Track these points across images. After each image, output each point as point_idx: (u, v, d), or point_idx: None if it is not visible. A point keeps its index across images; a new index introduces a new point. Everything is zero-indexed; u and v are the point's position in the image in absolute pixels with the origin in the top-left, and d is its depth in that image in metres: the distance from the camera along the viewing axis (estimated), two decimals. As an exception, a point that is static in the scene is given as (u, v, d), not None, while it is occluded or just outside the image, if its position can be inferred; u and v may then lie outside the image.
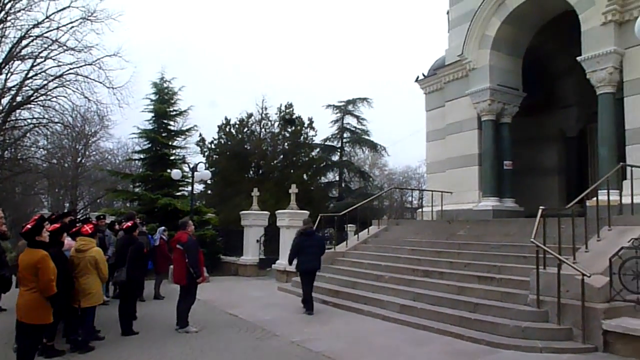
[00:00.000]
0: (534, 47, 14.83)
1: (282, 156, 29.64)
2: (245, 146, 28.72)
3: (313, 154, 31.09)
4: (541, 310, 7.34)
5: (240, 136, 29.41)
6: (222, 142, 29.36)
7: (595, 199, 9.63)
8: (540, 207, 7.93)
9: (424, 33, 76.70)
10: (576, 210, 8.45)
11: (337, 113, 35.29)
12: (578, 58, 11.86)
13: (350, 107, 35.31)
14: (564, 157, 16.56)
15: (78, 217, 13.30)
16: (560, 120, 16.41)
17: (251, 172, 29.16)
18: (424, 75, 17.18)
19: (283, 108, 30.03)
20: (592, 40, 11.63)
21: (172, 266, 9.37)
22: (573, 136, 16.32)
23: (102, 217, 12.44)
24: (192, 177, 17.69)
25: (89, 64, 22.18)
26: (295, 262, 10.27)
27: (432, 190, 15.64)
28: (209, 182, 27.08)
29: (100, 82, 22.47)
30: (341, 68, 77.32)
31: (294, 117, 29.34)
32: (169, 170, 19.84)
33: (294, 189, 16.54)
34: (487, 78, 14.07)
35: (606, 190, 9.34)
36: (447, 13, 16.47)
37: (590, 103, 12.49)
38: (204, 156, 28.65)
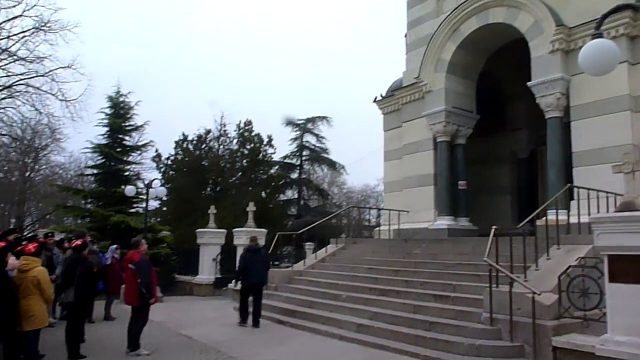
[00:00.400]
0: (487, 71, 15.36)
1: (240, 173, 29.40)
2: (203, 163, 28.34)
3: (272, 171, 31.00)
4: (494, 328, 7.48)
5: (198, 152, 29.02)
6: (179, 158, 28.89)
7: (544, 218, 9.96)
8: (493, 226, 8.14)
9: (383, 53, 78.26)
10: (527, 229, 8.72)
11: (296, 131, 35.42)
12: (528, 83, 12.36)
13: (309, 126, 35.51)
14: (515, 177, 17.12)
15: (24, 234, 12.75)
16: (512, 142, 16.99)
17: (208, 189, 28.75)
18: (382, 96, 17.48)
19: (242, 125, 29.89)
20: (541, 67, 12.16)
21: (123, 286, 9.09)
22: (524, 157, 16.91)
23: (50, 234, 11.94)
24: (147, 193, 17.30)
25: (41, 75, 21.50)
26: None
27: (389, 210, 15.81)
28: (164, 198, 26.54)
29: (53, 95, 21.81)
30: (301, 86, 77.88)
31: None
32: (122, 187, 19.33)
33: (251, 207, 16.41)
34: (443, 100, 14.46)
35: (555, 210, 9.68)
36: (405, 36, 16.89)
37: (540, 126, 12.99)
38: (160, 172, 28.12)
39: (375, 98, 17.68)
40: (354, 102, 66.57)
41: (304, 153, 35.53)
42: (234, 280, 12.43)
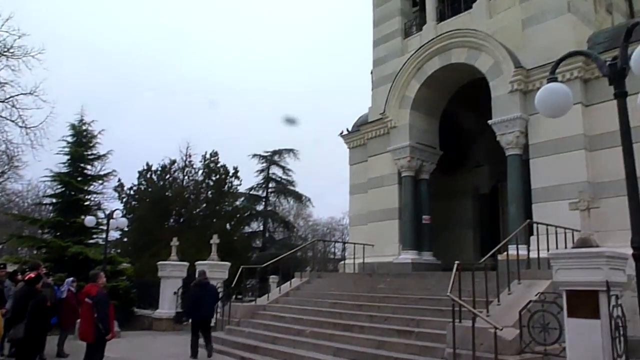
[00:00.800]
0: (450, 109, 15.81)
1: (205, 205, 29.03)
2: (167, 193, 27.91)
3: (237, 203, 30.77)
4: (457, 363, 7.48)
5: (161, 183, 28.60)
6: (142, 188, 28.38)
7: (506, 253, 10.16)
8: (456, 261, 8.23)
9: (349, 87, 79.73)
10: (489, 264, 8.87)
11: (262, 163, 35.42)
12: (489, 122, 12.78)
13: (276, 158, 35.58)
14: (478, 212, 17.46)
15: (-25, 266, 12.14)
16: (474, 177, 17.40)
17: (172, 221, 28.23)
18: (348, 130, 17.73)
19: (208, 156, 29.71)
20: (501, 106, 12.61)
21: (78, 321, 8.73)
22: (486, 193, 17.31)
23: (2, 266, 11.42)
24: (107, 224, 16.81)
25: (1, 101, 20.95)
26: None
27: (354, 243, 15.83)
28: (125, 229, 25.89)
29: (13, 121, 21.23)
30: (270, 118, 78.26)
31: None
32: (82, 217, 18.75)
33: (215, 239, 16.16)
34: (407, 136, 14.76)
35: (515, 245, 9.89)
36: (371, 73, 17.29)
37: (501, 163, 13.36)
38: (121, 202, 27.51)
39: (342, 132, 17.92)
40: (321, 135, 67.21)
41: (270, 185, 35.46)
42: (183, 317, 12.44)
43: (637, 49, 3.80)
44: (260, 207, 34.89)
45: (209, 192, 29.13)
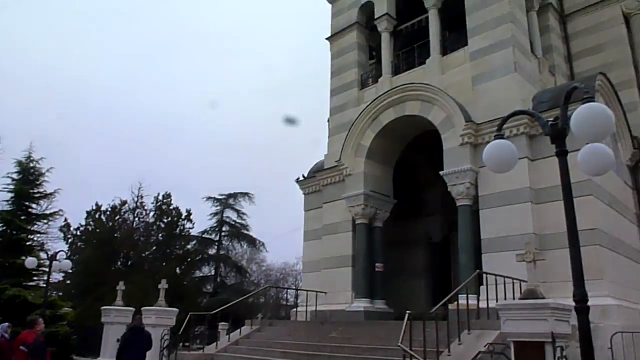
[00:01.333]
0: (404, 158, 16.19)
1: (154, 247, 28.28)
2: (116, 235, 27.04)
3: (189, 246, 30.10)
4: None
5: (110, 224, 27.73)
6: (90, 229, 27.41)
7: (456, 302, 10.26)
8: (407, 311, 8.25)
9: (307, 132, 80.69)
10: (440, 313, 8.93)
11: (217, 206, 35.01)
12: (441, 172, 13.15)
13: (231, 201, 35.26)
14: (430, 261, 17.64)
15: None
16: (426, 226, 17.68)
17: (119, 263, 27.29)
18: (304, 176, 17.84)
19: (160, 197, 29.16)
20: (452, 158, 13.03)
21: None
22: (438, 242, 17.57)
23: None
24: (50, 266, 16.03)
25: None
26: None
27: (306, 290, 15.66)
28: (69, 271, 24.76)
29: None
30: (225, 162, 77.84)
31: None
32: (23, 257, 17.85)
33: (163, 284, 15.60)
34: (362, 184, 14.96)
35: (465, 295, 10.01)
36: (328, 121, 17.60)
37: (453, 212, 13.66)
38: (67, 243, 26.46)
39: (298, 178, 18.00)
40: (277, 180, 67.24)
41: (224, 228, 34.97)
42: None
43: (576, 111, 4.05)
44: (212, 251, 34.23)
45: (160, 235, 28.45)
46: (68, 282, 26.65)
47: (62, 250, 16.82)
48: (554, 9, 16.83)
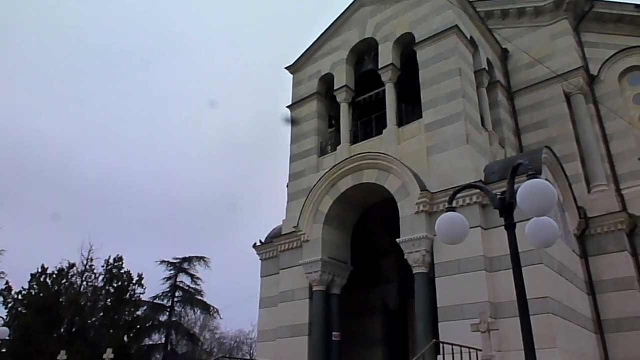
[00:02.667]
0: (362, 225, 16.33)
1: (102, 314, 26.93)
2: (60, 300, 25.68)
3: (139, 312, 28.81)
4: None
5: (56, 288, 26.38)
6: (33, 293, 25.97)
7: (413, 374, 10.09)
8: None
9: (266, 199, 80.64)
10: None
11: (171, 270, 33.91)
12: (397, 240, 13.29)
13: (185, 265, 34.28)
14: (387, 329, 17.43)
15: None
16: (383, 293, 17.61)
17: (62, 330, 25.74)
18: (261, 242, 17.66)
19: (112, 261, 28.14)
20: (408, 226, 13.23)
21: None
22: (395, 309, 17.47)
23: None
24: (-15, 335, 15.01)
25: None
26: None
27: (261, 360, 15.14)
28: (7, 338, 23.15)
29: None
30: (181, 226, 76.36)
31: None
32: (-45, 325, 16.68)
33: (109, 354, 14.83)
34: (320, 251, 14.89)
35: (423, 365, 9.86)
36: (287, 187, 17.70)
37: (410, 279, 13.69)
38: (6, 308, 24.89)
39: (255, 244, 17.80)
40: (234, 245, 66.17)
41: (177, 294, 33.72)
42: None
43: (521, 188, 4.26)
44: (164, 318, 32.79)
45: (109, 300, 27.19)
46: (4, 350, 24.85)
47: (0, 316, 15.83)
48: (502, 86, 17.91)
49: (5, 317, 22.79)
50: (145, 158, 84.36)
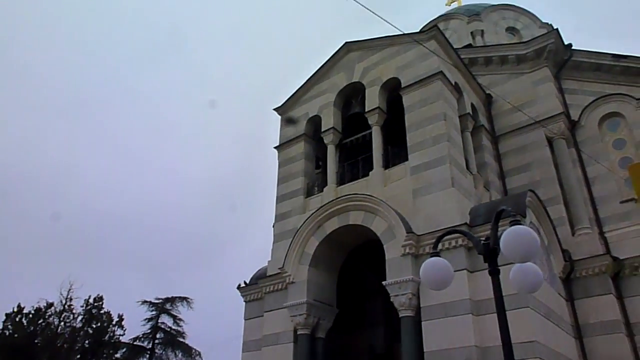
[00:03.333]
0: (348, 267, 16.21)
1: (79, 356, 26.13)
2: (36, 340, 24.90)
3: (118, 355, 27.99)
4: None
5: (32, 328, 25.62)
6: (8, 333, 25.17)
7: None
8: None
9: (252, 237, 79.96)
10: None
11: (152, 311, 33.15)
12: (383, 282, 13.20)
13: (167, 306, 33.58)
14: (373, 374, 17.09)
15: None
16: (370, 336, 17.31)
17: (37, 374, 24.86)
18: (245, 283, 17.43)
19: (91, 301, 27.49)
20: (394, 268, 13.17)
21: None
22: (382, 353, 17.14)
23: None
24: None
25: None
26: None
27: (244, 407, 14.69)
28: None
29: None
30: (164, 266, 75.13)
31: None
32: None
33: (86, 400, 14.28)
34: (305, 293, 14.70)
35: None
36: (273, 227, 17.62)
37: (396, 323, 13.51)
38: (-21, 351, 24.00)
39: (239, 285, 17.56)
40: (218, 286, 65.06)
41: (158, 335, 32.88)
42: None
43: (504, 235, 4.30)
44: (143, 361, 31.86)
45: (87, 342, 26.42)
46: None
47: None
48: (486, 130, 18.26)
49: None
50: (127, 197, 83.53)
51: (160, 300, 33.35)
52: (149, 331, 32.72)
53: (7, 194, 68.15)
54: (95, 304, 27.70)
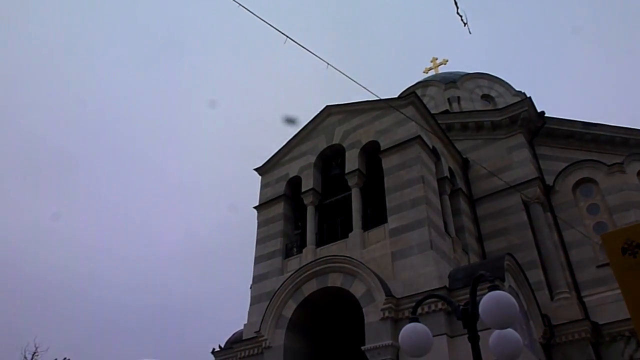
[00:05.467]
0: (326, 331, 15.79)
1: None
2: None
3: None
4: None
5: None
6: (-35, 403, 23.59)
7: None
8: None
9: (226, 300, 77.82)
10: None
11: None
12: (362, 347, 12.84)
13: (138, 372, 32.09)
14: None
15: None
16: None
17: None
18: (220, 347, 16.82)
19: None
20: (373, 333, 12.88)
21: None
22: None
23: None
24: None
25: None
26: None
27: None
28: None
29: None
30: (134, 330, 72.27)
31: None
32: None
33: None
34: (281, 358, 14.16)
35: None
36: (250, 288, 17.24)
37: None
38: None
39: (214, 349, 16.92)
40: (190, 350, 62.53)
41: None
42: None
43: (482, 301, 4.26)
44: None
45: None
46: None
47: None
48: (464, 194, 18.52)
49: None
50: (101, 258, 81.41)
51: None
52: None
53: (-24, 251, 65.96)
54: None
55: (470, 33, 7.10)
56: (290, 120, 17.94)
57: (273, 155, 19.58)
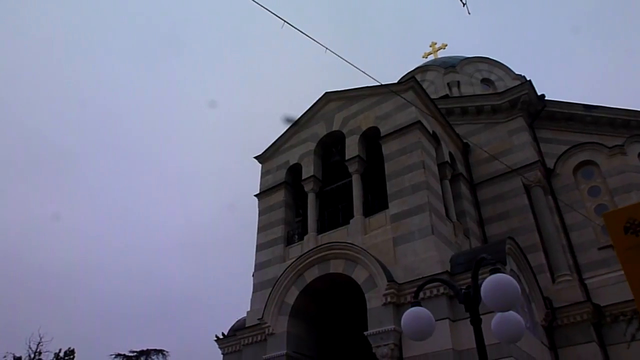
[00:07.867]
0: (329, 316, 15.87)
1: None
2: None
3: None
4: None
5: (-2, 387, 24.35)
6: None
7: None
8: None
9: (230, 287, 78.15)
10: None
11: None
12: (365, 333, 12.92)
13: (142, 359, 32.36)
14: None
15: None
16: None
17: None
18: (223, 334, 16.91)
19: (62, 355, 26.33)
20: (375, 318, 12.94)
21: None
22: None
23: None
24: None
25: None
26: None
27: None
28: None
29: None
30: (139, 318, 72.78)
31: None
32: None
33: None
34: (284, 345, 14.29)
35: None
36: (252, 276, 17.30)
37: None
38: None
39: (217, 337, 17.02)
40: (194, 338, 63.02)
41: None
42: None
43: (484, 283, 4.26)
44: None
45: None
46: None
47: None
48: (465, 178, 18.49)
49: None
50: (102, 250, 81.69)
51: (135, 353, 32.16)
52: (121, 387, 31.40)
53: (-21, 244, 66.25)
54: (67, 357, 26.51)
55: (469, 13, 7.02)
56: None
57: (273, 143, 19.53)
